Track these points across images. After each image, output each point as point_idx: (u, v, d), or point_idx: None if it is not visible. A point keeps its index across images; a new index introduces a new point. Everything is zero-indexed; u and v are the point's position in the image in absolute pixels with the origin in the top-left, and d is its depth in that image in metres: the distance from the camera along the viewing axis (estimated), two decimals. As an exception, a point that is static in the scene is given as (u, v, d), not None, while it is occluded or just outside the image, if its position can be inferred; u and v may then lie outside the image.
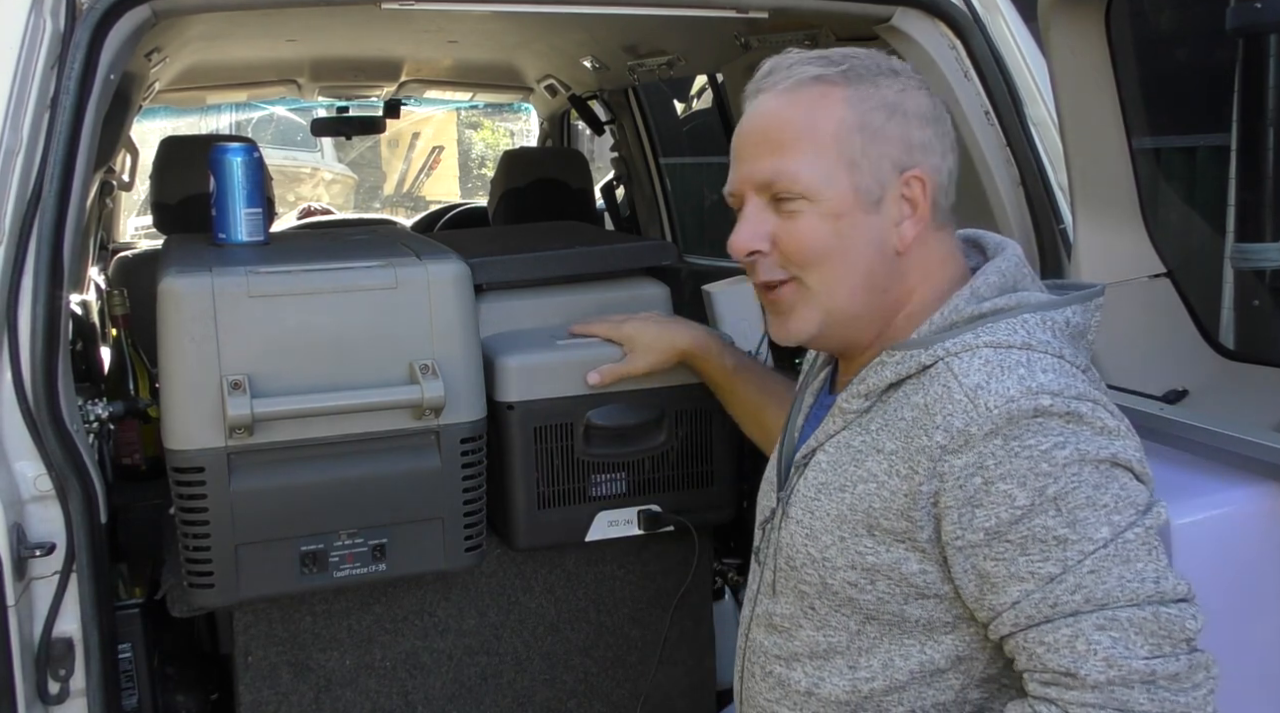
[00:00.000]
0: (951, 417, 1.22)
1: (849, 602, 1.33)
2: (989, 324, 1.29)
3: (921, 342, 1.31)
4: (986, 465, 1.20)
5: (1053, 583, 1.18)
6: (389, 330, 1.88)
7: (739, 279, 3.14)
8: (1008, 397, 1.20)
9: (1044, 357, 1.26)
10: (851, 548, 1.31)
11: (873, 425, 1.32)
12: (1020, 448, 1.19)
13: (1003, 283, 1.35)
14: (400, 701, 2.10)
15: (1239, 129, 2.03)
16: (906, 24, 2.18)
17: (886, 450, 1.28)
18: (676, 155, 4.91)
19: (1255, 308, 2.18)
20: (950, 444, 1.22)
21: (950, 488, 1.22)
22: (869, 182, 1.32)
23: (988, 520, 1.20)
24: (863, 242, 1.33)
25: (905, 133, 1.33)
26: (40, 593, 1.67)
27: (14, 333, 1.65)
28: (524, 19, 3.06)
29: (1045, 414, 1.20)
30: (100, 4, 1.74)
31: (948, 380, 1.24)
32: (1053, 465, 1.19)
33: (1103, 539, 1.18)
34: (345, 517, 1.88)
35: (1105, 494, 1.20)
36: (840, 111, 1.32)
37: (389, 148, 15.67)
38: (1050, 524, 1.19)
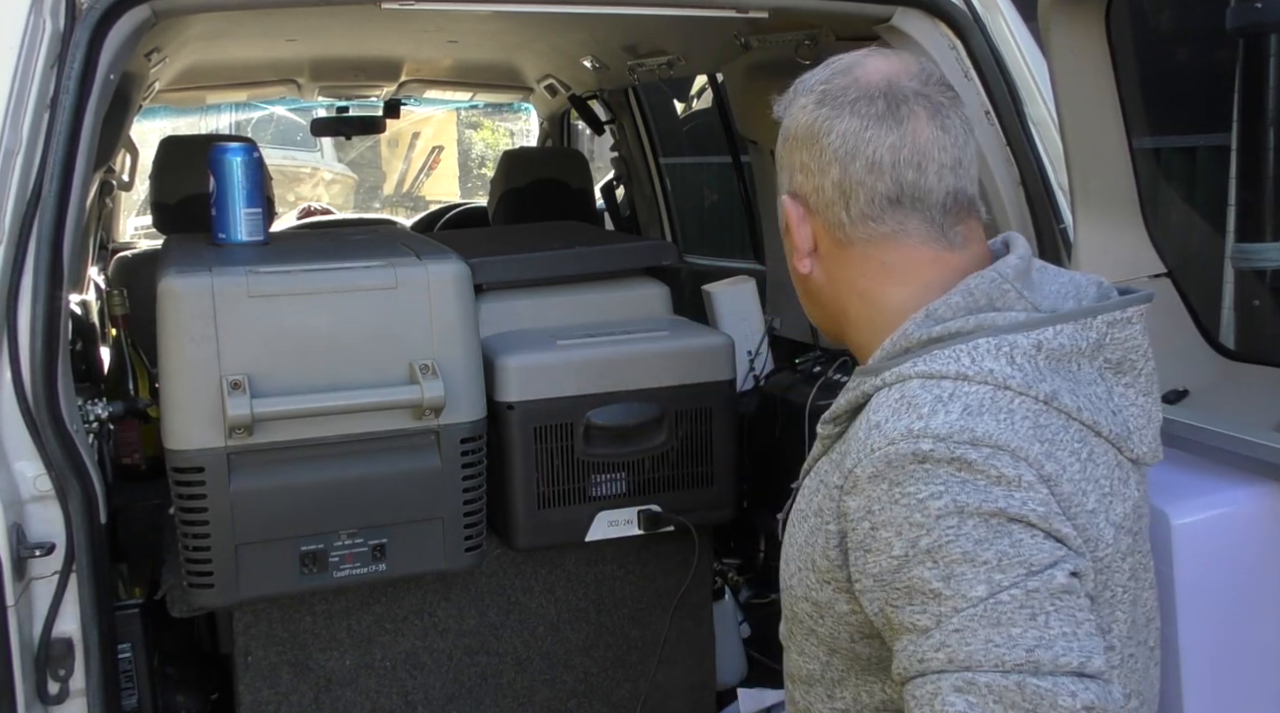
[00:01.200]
0: (848, 456, 1.19)
1: (812, 633, 1.30)
2: (931, 351, 1.21)
3: (874, 368, 1.26)
4: (873, 511, 1.15)
5: (923, 637, 1.10)
6: (389, 330, 1.88)
7: (739, 279, 3.14)
8: (889, 439, 1.14)
9: (976, 389, 1.16)
10: (805, 580, 1.28)
11: (835, 454, 1.29)
12: (901, 495, 1.12)
13: (970, 303, 1.24)
14: (400, 701, 2.10)
15: (1239, 129, 2.03)
16: (906, 24, 2.18)
17: (829, 484, 1.24)
18: (676, 155, 4.91)
19: (1255, 308, 2.18)
20: (845, 484, 1.18)
21: (849, 530, 1.18)
22: (778, 208, 1.35)
23: (874, 567, 1.15)
24: (789, 262, 1.37)
25: (789, 158, 1.32)
26: (40, 593, 1.67)
27: (14, 333, 1.65)
28: (524, 19, 3.06)
29: (928, 460, 1.12)
30: (100, 4, 1.74)
31: (867, 414, 1.21)
32: (925, 516, 1.10)
33: (976, 598, 1.08)
34: (345, 517, 1.88)
35: (987, 550, 1.09)
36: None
37: (389, 148, 15.66)
38: (926, 576, 1.10)
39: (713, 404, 2.10)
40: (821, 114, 1.28)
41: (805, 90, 1.30)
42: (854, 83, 1.27)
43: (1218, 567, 1.54)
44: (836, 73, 1.29)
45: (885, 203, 1.26)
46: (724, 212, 4.95)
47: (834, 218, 1.29)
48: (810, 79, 1.31)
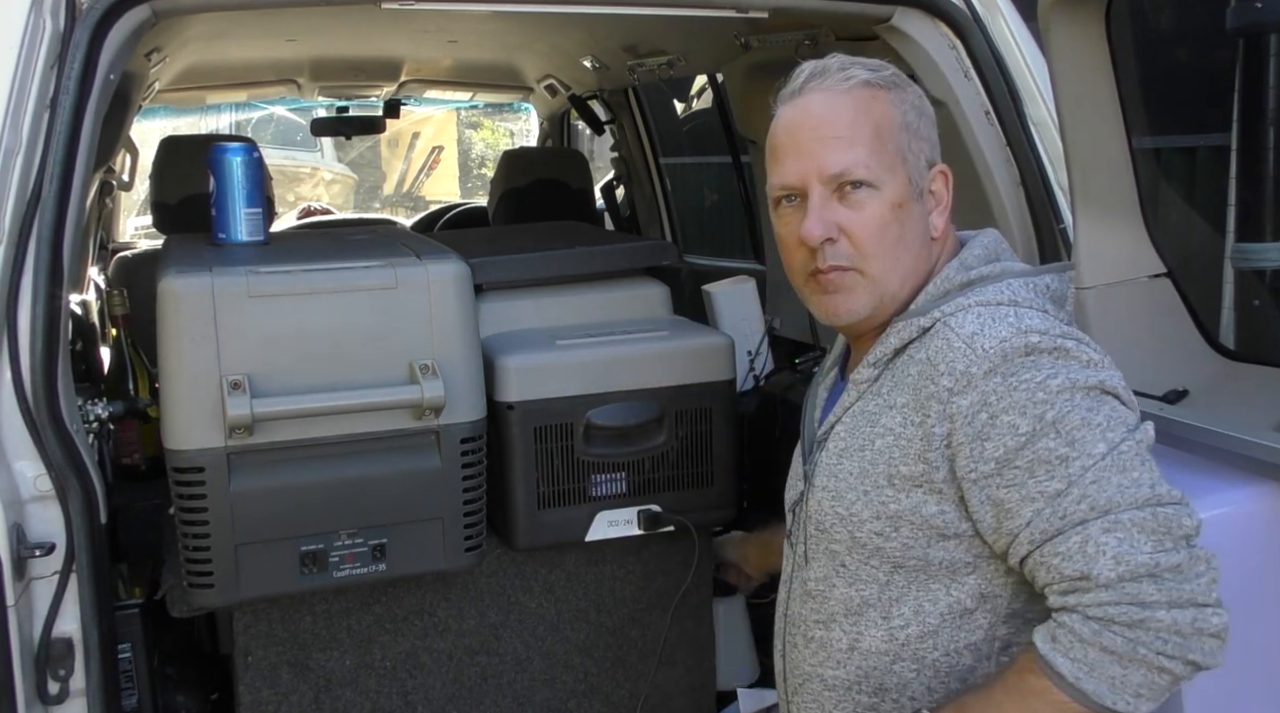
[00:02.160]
0: (954, 362, 1.36)
1: (876, 552, 1.45)
2: (978, 288, 1.44)
3: (920, 310, 1.46)
4: (990, 401, 1.34)
5: (1060, 497, 1.30)
6: (389, 330, 1.88)
7: (739, 279, 3.14)
8: (1000, 338, 1.35)
9: (1029, 310, 1.41)
10: (875, 500, 1.43)
11: (883, 389, 1.46)
12: (1018, 382, 1.33)
13: (987, 255, 1.52)
14: (400, 701, 2.10)
15: (1239, 129, 2.03)
16: (906, 24, 2.18)
17: (899, 405, 1.42)
18: (676, 155, 4.91)
19: (1255, 308, 2.18)
20: (956, 386, 1.36)
21: (960, 426, 1.35)
22: (915, 175, 1.48)
23: (996, 451, 1.33)
24: (915, 228, 1.48)
25: (931, 132, 1.51)
26: (40, 593, 1.67)
27: (14, 333, 1.65)
28: (524, 19, 3.05)
29: (1035, 351, 1.35)
30: (100, 4, 1.74)
31: (946, 334, 1.39)
32: (1048, 394, 1.32)
33: (1100, 453, 1.31)
34: (345, 517, 1.88)
35: (1098, 415, 1.33)
36: (890, 111, 1.47)
37: (389, 148, 15.66)
38: (1052, 446, 1.31)
39: (713, 404, 2.09)
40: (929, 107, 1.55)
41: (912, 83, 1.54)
42: None
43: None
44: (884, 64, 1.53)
45: None
46: (724, 212, 4.95)
47: None
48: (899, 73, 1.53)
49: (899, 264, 1.48)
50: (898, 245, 1.47)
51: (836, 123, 1.46)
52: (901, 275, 1.48)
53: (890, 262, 1.47)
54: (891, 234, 1.46)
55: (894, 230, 1.46)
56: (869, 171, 1.44)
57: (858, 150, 1.45)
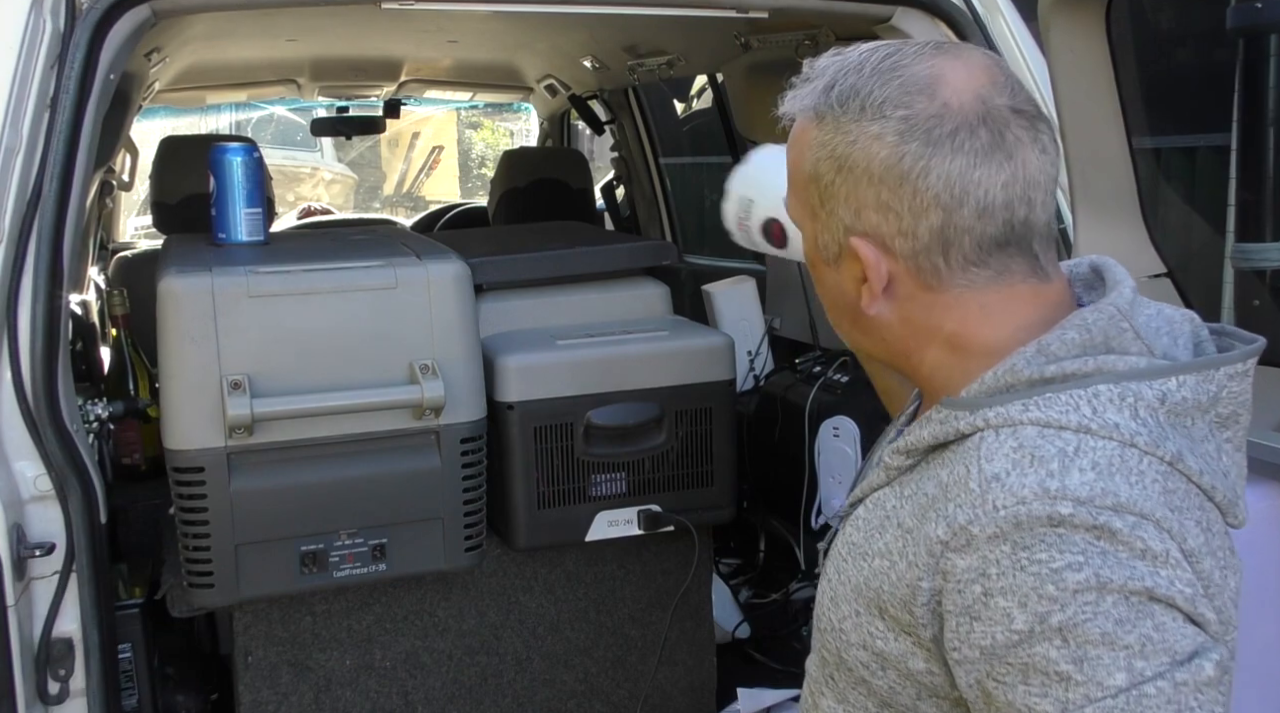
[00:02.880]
0: (958, 508, 1.03)
1: (862, 683, 1.16)
2: (1046, 394, 1.07)
3: (968, 402, 1.10)
4: (989, 574, 1.01)
5: None
6: (389, 330, 1.88)
7: (739, 279, 3.14)
8: (1019, 497, 1.00)
9: (1102, 445, 1.02)
10: (865, 626, 1.14)
11: (906, 491, 1.15)
12: (1028, 561, 0.99)
13: (1086, 341, 1.09)
14: (400, 701, 2.10)
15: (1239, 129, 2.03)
16: (907, 24, 2.18)
17: (905, 526, 1.11)
18: (676, 155, 4.91)
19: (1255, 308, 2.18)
20: (952, 541, 1.03)
21: (951, 591, 1.04)
22: (825, 236, 1.16)
23: (984, 639, 1.01)
24: (835, 293, 1.19)
25: (853, 192, 1.11)
26: (40, 593, 1.67)
27: (14, 333, 1.65)
28: (524, 19, 3.05)
29: (1064, 524, 0.98)
30: (100, 4, 1.74)
31: (970, 461, 1.05)
32: (1061, 590, 0.97)
33: (1115, 687, 0.95)
34: (345, 517, 1.88)
35: (1129, 633, 0.96)
36: (808, 154, 1.14)
37: (389, 148, 15.66)
38: (1053, 657, 0.98)
39: (713, 404, 2.09)
40: (911, 150, 1.08)
41: (867, 110, 1.09)
42: (945, 109, 1.08)
43: (1218, 567, 1.54)
44: (910, 91, 1.09)
45: (993, 246, 1.11)
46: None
47: (926, 264, 1.12)
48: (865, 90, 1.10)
49: (837, 324, 1.23)
50: (829, 306, 1.22)
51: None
52: (849, 337, 1.22)
53: (830, 314, 1.23)
54: (820, 291, 1.23)
55: (819, 287, 1.22)
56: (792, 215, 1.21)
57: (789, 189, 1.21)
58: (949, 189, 1.08)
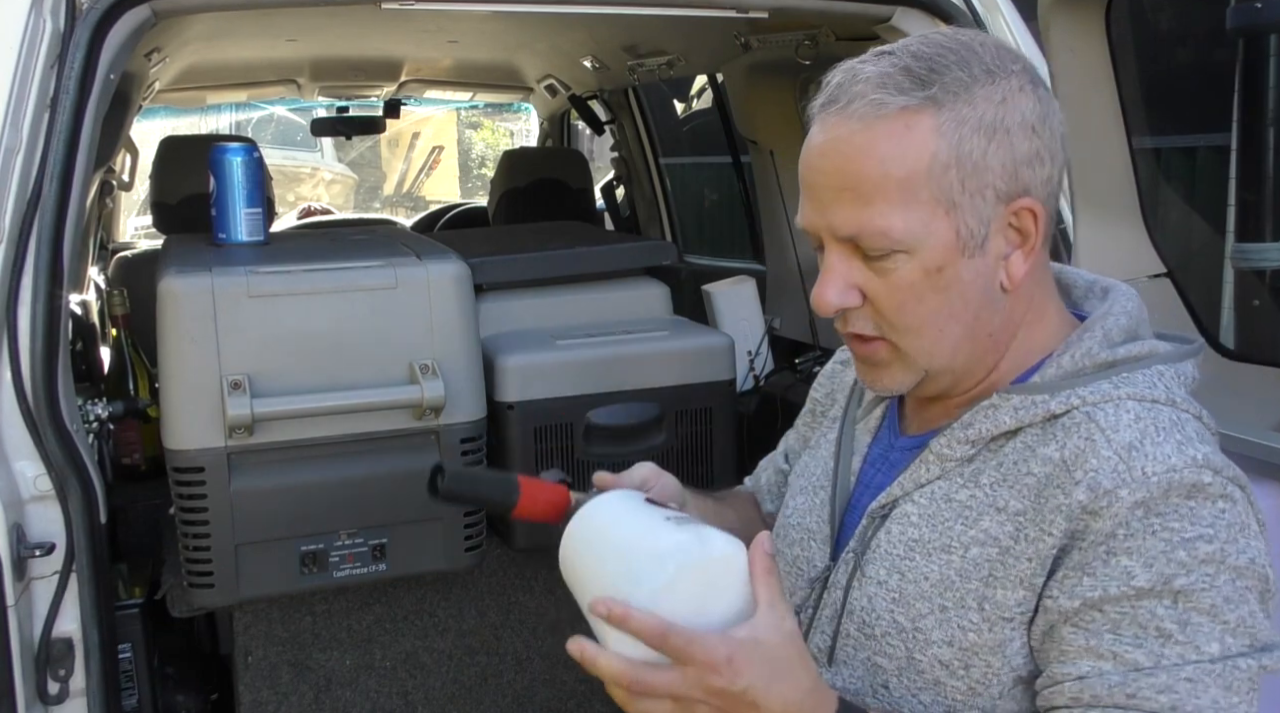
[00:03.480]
0: (1098, 474, 1.05)
1: (933, 686, 1.13)
2: (1123, 373, 1.12)
3: (1047, 386, 1.13)
4: (1116, 535, 1.04)
5: (1139, 673, 1.02)
6: (389, 330, 1.88)
7: (739, 279, 3.14)
8: (1169, 465, 1.04)
9: (1186, 418, 1.10)
10: (953, 622, 1.12)
11: (983, 479, 1.14)
12: (1161, 527, 1.03)
13: (1130, 326, 1.17)
14: (400, 701, 2.10)
15: (1239, 129, 2.03)
16: (907, 24, 2.18)
17: (1011, 511, 1.10)
18: (676, 155, 4.91)
19: (1255, 308, 2.18)
20: (1092, 504, 1.05)
21: (1073, 549, 1.06)
22: (972, 222, 1.10)
23: (1091, 591, 1.04)
24: (970, 290, 1.12)
25: (1010, 154, 1.10)
26: (40, 593, 1.67)
27: (14, 333, 1.65)
28: (524, 19, 3.05)
29: (1202, 493, 1.04)
30: (100, 4, 1.74)
31: (1091, 433, 1.07)
32: (1191, 557, 1.02)
33: (1212, 654, 1.02)
34: (345, 517, 1.88)
35: (1234, 612, 1.03)
36: (932, 145, 1.07)
37: (389, 148, 15.66)
38: (1161, 614, 1.02)
39: (713, 404, 2.09)
40: (1043, 96, 1.12)
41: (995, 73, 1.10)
42: (1027, 59, 1.14)
43: (1218, 567, 1.54)
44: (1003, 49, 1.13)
45: None
46: (724, 212, 4.95)
47: (1053, 210, 1.14)
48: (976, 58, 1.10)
49: (944, 337, 1.13)
50: (939, 316, 1.12)
51: (849, 170, 1.09)
52: (951, 348, 1.14)
53: (930, 337, 1.13)
54: (929, 305, 1.11)
55: (932, 301, 1.11)
56: (888, 238, 1.08)
57: (875, 209, 1.08)
58: (1063, 133, 1.14)
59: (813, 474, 1.36)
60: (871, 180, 1.08)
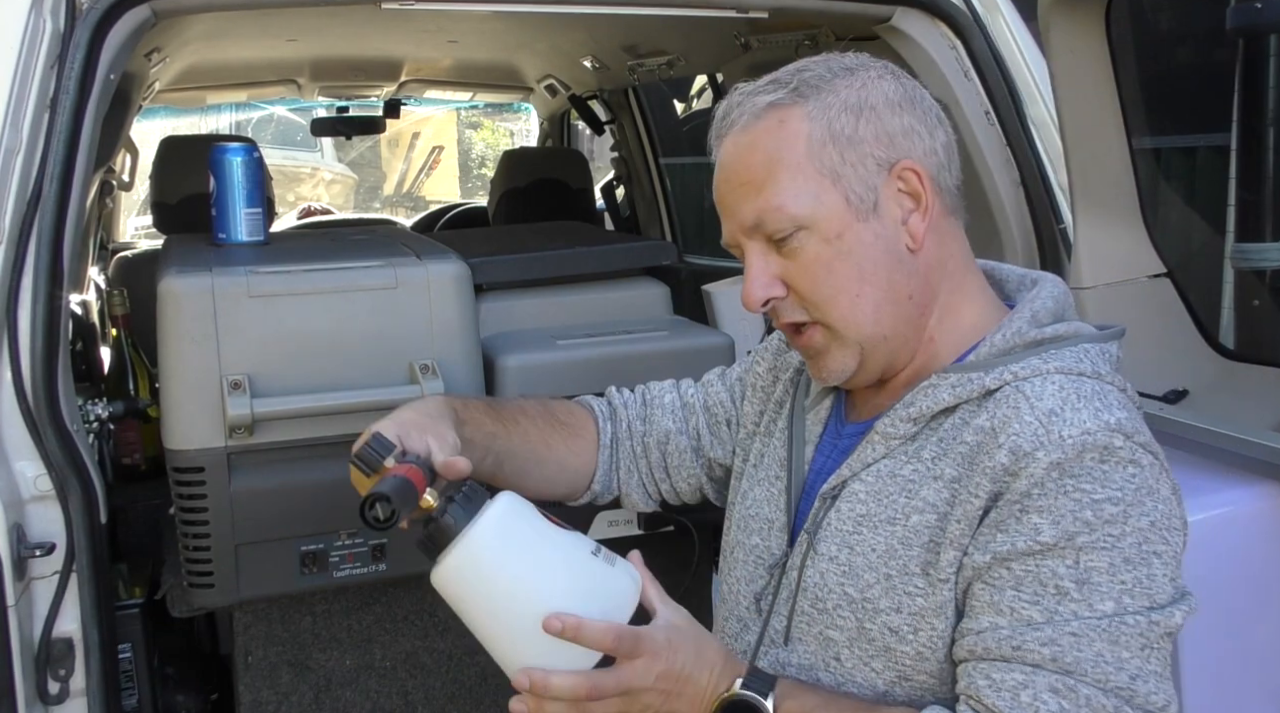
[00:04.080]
0: (1019, 438, 1.12)
1: (884, 652, 1.20)
2: (1052, 351, 1.20)
3: (981, 364, 1.21)
4: (1030, 494, 1.10)
5: (1028, 628, 1.09)
6: (389, 330, 1.88)
7: (739, 279, 3.14)
8: (1084, 428, 1.11)
9: (1112, 390, 1.17)
10: (899, 588, 1.18)
11: (924, 453, 1.21)
12: (1073, 488, 1.09)
13: (1056, 309, 1.26)
14: (400, 701, 2.10)
15: (1239, 129, 2.03)
16: (906, 24, 2.18)
17: (947, 478, 1.18)
18: (676, 155, 4.91)
19: (1255, 308, 2.18)
20: (1013, 466, 1.12)
21: (993, 509, 1.13)
22: (858, 187, 1.20)
23: (1001, 546, 1.11)
24: (873, 252, 1.21)
25: (880, 126, 1.21)
26: (40, 593, 1.67)
27: (14, 333, 1.65)
28: (524, 19, 3.05)
29: (1114, 456, 1.11)
30: (100, 4, 1.74)
31: (1017, 402, 1.15)
32: (1096, 516, 1.09)
33: (1103, 612, 1.08)
34: (345, 517, 1.87)
35: (1129, 572, 1.09)
36: (805, 129, 1.20)
37: (389, 148, 15.67)
38: (1061, 572, 1.09)
39: (713, 404, 2.09)
40: (905, 83, 1.26)
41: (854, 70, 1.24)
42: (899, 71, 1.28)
43: (1218, 567, 1.54)
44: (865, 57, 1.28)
45: (958, 194, 1.27)
46: (724, 211, 4.94)
47: (944, 182, 1.25)
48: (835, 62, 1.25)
49: (865, 302, 1.22)
50: (851, 281, 1.21)
51: (740, 168, 1.23)
52: (874, 312, 1.23)
53: (847, 304, 1.22)
54: (840, 273, 1.20)
55: (841, 267, 1.20)
56: (784, 214, 1.20)
57: (768, 193, 1.20)
58: (937, 115, 1.26)
59: (769, 465, 1.42)
60: (760, 169, 1.21)
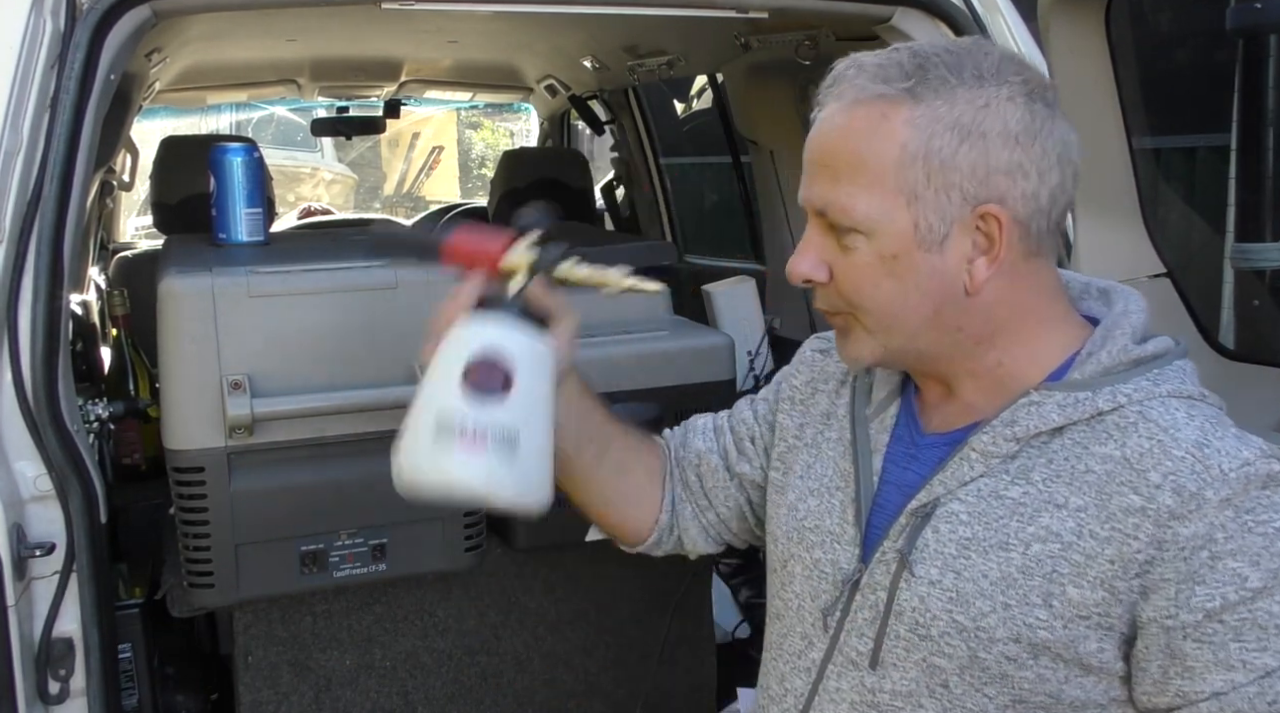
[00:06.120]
0: (1179, 477, 1.06)
1: (999, 679, 1.14)
2: (1155, 371, 1.15)
3: (1086, 383, 1.14)
4: (1215, 539, 1.05)
5: (1270, 676, 1.05)
6: (389, 330, 1.88)
7: (739, 279, 3.13)
8: (1243, 460, 1.06)
9: (1221, 413, 1.14)
10: (1018, 619, 1.12)
11: (1034, 475, 1.14)
12: (1254, 523, 1.05)
13: (1148, 324, 1.21)
14: (400, 701, 2.10)
15: (1239, 129, 2.03)
16: (907, 24, 2.18)
17: (1072, 506, 1.11)
18: (676, 155, 4.91)
19: (1255, 308, 2.18)
20: (1179, 508, 1.06)
21: (1170, 559, 1.06)
22: (932, 218, 1.11)
23: (1210, 601, 1.05)
24: (926, 282, 1.14)
25: (982, 159, 1.10)
26: (40, 593, 1.67)
27: (14, 333, 1.65)
28: (524, 19, 3.05)
29: (1275, 482, 1.06)
30: (100, 4, 1.74)
31: (1154, 433, 1.10)
32: None
33: None
34: (345, 517, 1.88)
35: None
36: (902, 136, 1.10)
37: (389, 148, 15.66)
38: (1276, 611, 1.04)
39: (713, 404, 2.09)
40: (1038, 112, 1.12)
41: (986, 78, 1.11)
42: (1044, 77, 1.15)
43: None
44: (1011, 61, 1.14)
45: (1062, 218, 1.18)
46: (724, 212, 4.95)
47: (1037, 227, 1.15)
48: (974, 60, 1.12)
49: (900, 322, 1.16)
50: (894, 303, 1.15)
51: (828, 148, 1.15)
52: (909, 331, 1.17)
53: (885, 320, 1.17)
54: (886, 290, 1.15)
55: (888, 285, 1.14)
56: (850, 216, 1.13)
57: (842, 188, 1.13)
58: (1062, 150, 1.14)
59: (823, 475, 1.34)
60: (843, 159, 1.13)
